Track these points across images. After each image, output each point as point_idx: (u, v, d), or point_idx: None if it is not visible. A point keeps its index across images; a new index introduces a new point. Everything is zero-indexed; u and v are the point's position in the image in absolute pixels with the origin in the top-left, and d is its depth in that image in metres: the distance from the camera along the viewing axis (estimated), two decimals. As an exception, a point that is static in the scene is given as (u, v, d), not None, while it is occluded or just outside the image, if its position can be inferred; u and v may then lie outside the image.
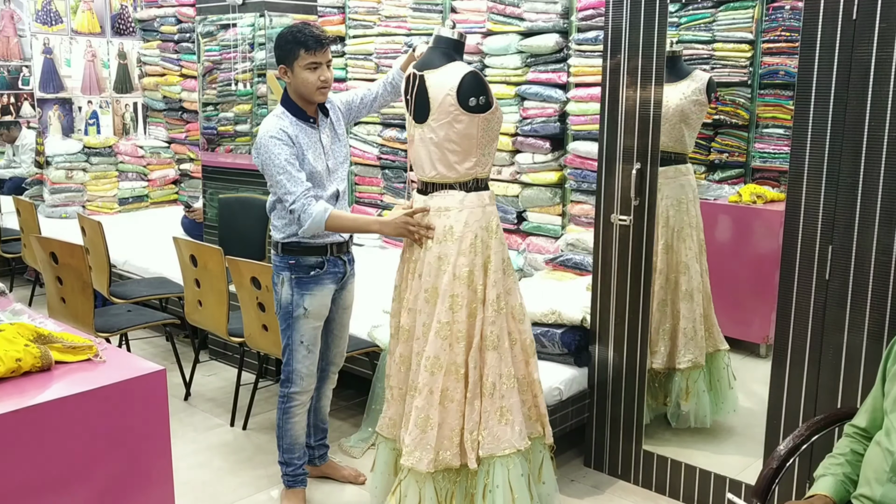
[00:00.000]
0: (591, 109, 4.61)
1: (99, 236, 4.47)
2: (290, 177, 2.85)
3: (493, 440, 2.78)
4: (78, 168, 7.04)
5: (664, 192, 3.57)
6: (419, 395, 2.74)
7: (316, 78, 2.87)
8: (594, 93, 4.57)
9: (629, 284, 3.30)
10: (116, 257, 5.21)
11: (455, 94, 2.68)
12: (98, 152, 7.13)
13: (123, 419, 2.12)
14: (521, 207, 5.08)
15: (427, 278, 2.79)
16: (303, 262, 2.98)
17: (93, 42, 7.37)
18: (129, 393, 2.12)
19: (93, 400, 2.06)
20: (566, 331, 3.53)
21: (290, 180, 2.84)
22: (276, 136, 2.88)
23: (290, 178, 2.85)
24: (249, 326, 3.75)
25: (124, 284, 4.84)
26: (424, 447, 2.75)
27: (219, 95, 5.21)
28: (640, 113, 3.16)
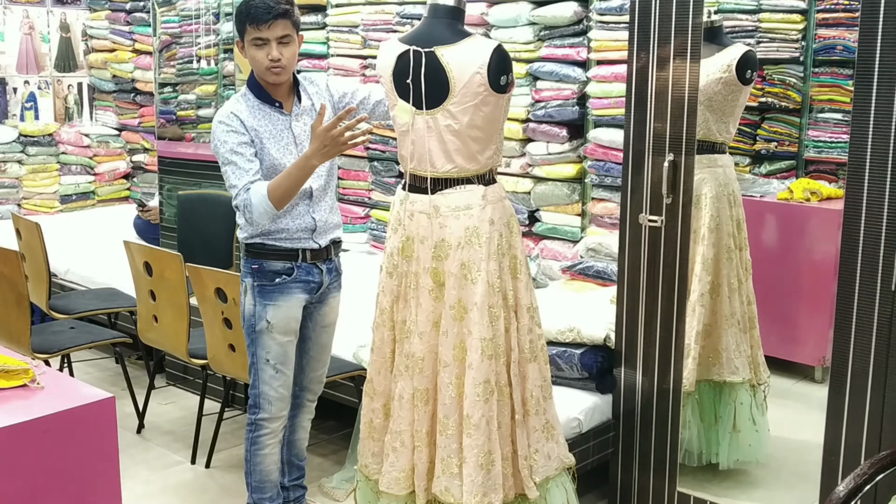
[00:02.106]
0: (616, 91, 4.62)
1: (37, 240, 4.47)
2: (236, 168, 2.88)
3: (545, 460, 2.92)
4: (12, 160, 7.05)
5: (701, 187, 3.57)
6: (476, 431, 2.75)
7: (264, 56, 2.90)
8: (619, 71, 4.58)
9: (661, 296, 3.29)
10: (57, 265, 5.21)
11: (486, 72, 2.69)
12: (36, 141, 7.13)
13: (65, 455, 2.11)
14: (534, 206, 5.08)
15: (451, 292, 2.80)
16: (267, 268, 3.00)
17: (30, 12, 7.38)
18: (71, 424, 2.12)
19: (29, 433, 2.06)
20: (586, 351, 3.53)
21: (235, 172, 2.88)
22: (224, 121, 2.93)
23: (235, 170, 2.88)
24: (214, 346, 3.75)
25: (66, 297, 4.83)
26: (493, 488, 2.79)
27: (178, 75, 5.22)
28: (673, 94, 3.17)
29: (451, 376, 2.81)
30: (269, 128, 2.95)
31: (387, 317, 2.96)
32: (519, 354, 2.87)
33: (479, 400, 2.76)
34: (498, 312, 2.80)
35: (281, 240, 2.99)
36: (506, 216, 2.87)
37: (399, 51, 2.82)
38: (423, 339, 2.84)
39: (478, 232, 2.78)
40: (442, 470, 2.84)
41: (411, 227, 2.86)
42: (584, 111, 4.82)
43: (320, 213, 3.04)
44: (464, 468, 2.79)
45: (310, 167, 2.82)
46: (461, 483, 2.80)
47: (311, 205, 3.02)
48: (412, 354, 2.85)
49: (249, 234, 3.01)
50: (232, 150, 2.89)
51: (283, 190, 2.84)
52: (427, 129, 2.79)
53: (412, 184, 2.88)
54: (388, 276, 2.94)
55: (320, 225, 3.04)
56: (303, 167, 2.82)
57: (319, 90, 3.10)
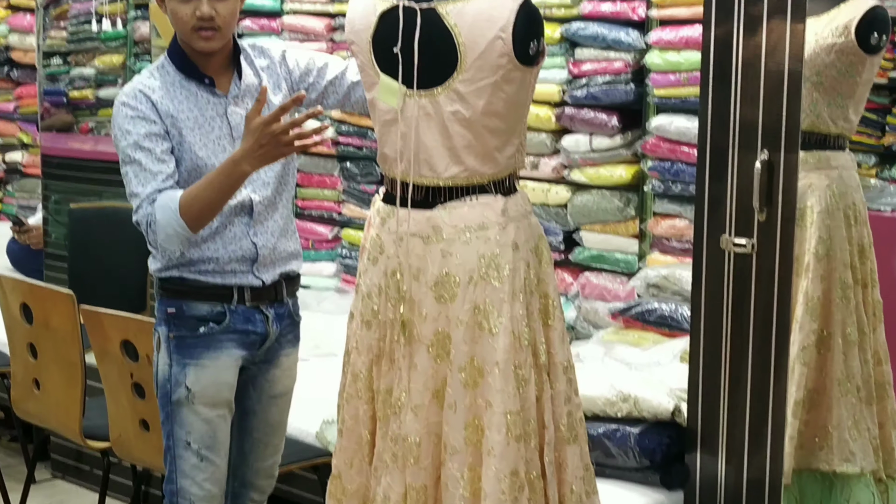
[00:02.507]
0: (686, 62, 4.65)
1: None
2: (140, 170, 2.88)
3: None
4: None
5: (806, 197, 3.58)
6: None
7: (189, 13, 2.91)
8: (691, 35, 4.61)
9: (752, 351, 3.30)
10: None
11: (510, 36, 2.70)
12: None
13: None
14: (572, 224, 5.09)
15: (461, 347, 2.80)
16: (188, 313, 3.01)
17: None
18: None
19: None
20: (647, 430, 3.53)
21: (139, 175, 2.88)
22: (128, 101, 2.93)
23: (138, 173, 2.88)
24: (119, 423, 3.74)
25: (-89, 353, 4.84)
26: None
27: (71, 40, 5.25)
28: (767, 68, 3.19)
29: (461, 468, 2.80)
30: (193, 114, 2.96)
31: (363, 385, 2.95)
32: (555, 433, 2.86)
33: (504, 499, 2.75)
34: (527, 375, 2.79)
35: (208, 273, 2.99)
36: (533, 239, 2.87)
37: (382, 7, 2.83)
38: (419, 415, 2.84)
39: (497, 262, 2.78)
40: None
41: (399, 256, 2.87)
42: (641, 91, 4.85)
43: (265, 237, 3.04)
44: None
45: (238, 174, 2.82)
46: None
47: (252, 225, 3.02)
48: (404, 438, 2.85)
49: (163, 265, 3.00)
50: (136, 145, 2.89)
51: (201, 203, 2.83)
52: (424, 117, 2.80)
53: (401, 194, 2.89)
54: (365, 326, 2.93)
55: (265, 253, 3.04)
56: (229, 173, 2.82)
57: (272, 63, 3.11)
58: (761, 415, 3.31)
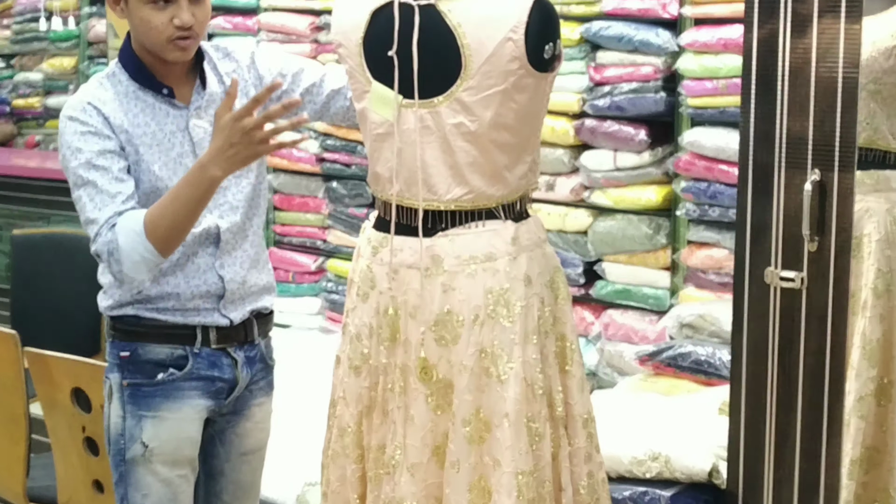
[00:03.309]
0: (725, 68, 4.67)
1: None
2: (96, 192, 2.85)
3: None
4: None
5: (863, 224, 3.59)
6: None
7: (166, 21, 2.88)
8: (730, 36, 4.64)
9: (801, 401, 3.31)
10: None
11: (523, 38, 2.72)
12: None
13: None
14: (594, 254, 5.11)
15: (465, 397, 2.80)
16: (143, 356, 3.00)
17: None
18: None
19: None
20: (681, 492, 3.55)
21: (94, 199, 2.85)
22: (76, 115, 2.90)
23: (94, 196, 2.85)
24: (69, 485, 3.75)
25: None
26: None
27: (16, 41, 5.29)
28: (818, 76, 3.21)
29: None
30: (150, 129, 2.95)
31: (351, 440, 2.96)
32: (573, 497, 2.87)
33: None
34: (541, 429, 2.80)
35: (167, 311, 2.99)
36: (548, 271, 2.89)
37: (375, 3, 2.85)
38: (416, 476, 2.85)
39: (506, 298, 2.79)
40: None
41: (394, 291, 2.88)
42: (673, 100, 4.87)
43: (233, 270, 3.03)
44: None
45: (207, 180, 2.78)
46: None
47: (218, 256, 3.01)
48: (398, 502, 2.86)
49: (116, 301, 3.00)
50: (89, 164, 2.86)
51: (168, 221, 2.80)
52: (423, 130, 2.81)
53: (396, 220, 2.89)
54: (354, 372, 2.94)
55: (233, 288, 3.03)
56: (197, 181, 2.78)
57: (239, 68, 3.09)
58: (812, 476, 3.32)
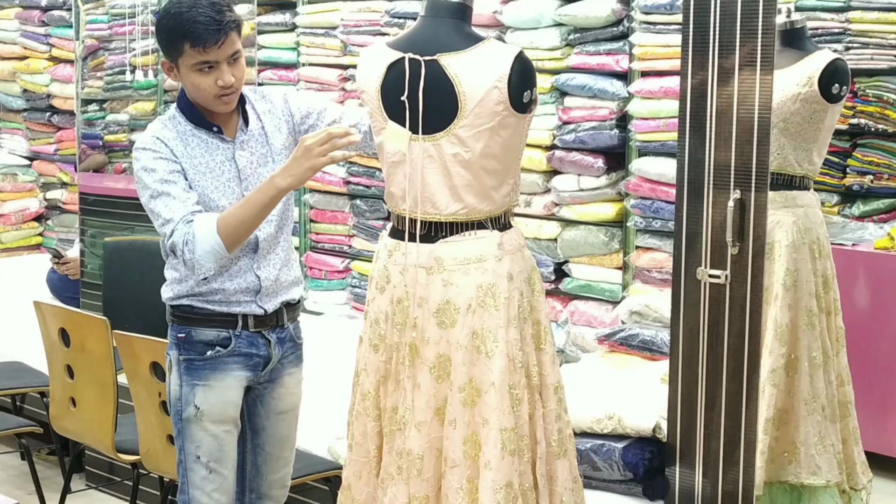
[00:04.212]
0: (665, 110, 4.66)
1: (-78, 300, 4.48)
2: (170, 199, 2.84)
3: None
4: None
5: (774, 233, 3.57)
6: None
7: (212, 83, 2.86)
8: (669, 85, 4.62)
9: (726, 373, 3.29)
10: (-52, 332, 5.21)
11: (506, 86, 2.71)
12: (-77, 174, 7.18)
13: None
14: (562, 257, 5.09)
15: (460, 369, 2.79)
16: (196, 338, 2.98)
17: (-81, 10, 7.47)
18: (-37, 541, 2.11)
19: None
20: (630, 445, 3.52)
21: (169, 204, 2.83)
22: (148, 146, 2.89)
23: (169, 201, 2.84)
24: (148, 439, 3.73)
25: (-41, 373, 4.83)
26: None
27: (107, 89, 5.26)
28: (739, 115, 3.19)
29: (460, 479, 2.79)
30: (205, 159, 2.93)
31: (370, 403, 2.94)
32: (546, 448, 2.85)
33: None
34: (521, 395, 2.79)
35: (215, 302, 2.97)
36: (526, 270, 2.87)
37: (390, 59, 2.84)
38: (421, 431, 2.83)
39: (494, 291, 2.78)
40: None
41: (404, 285, 2.86)
42: (625, 135, 4.85)
43: (268, 270, 3.01)
44: None
45: (273, 189, 2.78)
46: None
47: (256, 259, 2.99)
48: (408, 452, 2.84)
49: (175, 294, 2.98)
50: (162, 180, 2.85)
51: (237, 221, 2.80)
52: (427, 159, 2.80)
53: (406, 229, 2.88)
54: (373, 349, 2.93)
55: (267, 285, 3.01)
56: (266, 191, 2.79)
57: (273, 108, 3.07)
58: (735, 432, 3.30)
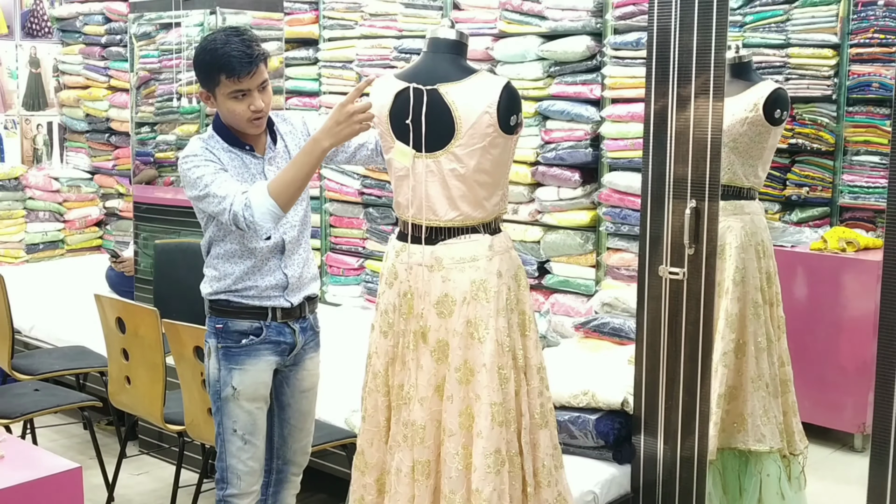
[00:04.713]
0: (632, 132, 4.66)
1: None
2: (224, 181, 2.81)
3: None
4: (-25, 206, 7.09)
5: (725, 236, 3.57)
6: None
7: (245, 108, 2.85)
8: (636, 110, 4.62)
9: (683, 356, 3.29)
10: (22, 321, 5.20)
11: (496, 111, 2.71)
12: (1, 185, 7.17)
13: (26, 533, 2.10)
14: (544, 256, 5.09)
15: (457, 352, 2.79)
16: (232, 328, 2.96)
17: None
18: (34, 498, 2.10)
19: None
20: (602, 417, 3.51)
21: (223, 185, 2.80)
22: (197, 153, 2.87)
23: (222, 183, 2.81)
24: (192, 411, 3.73)
25: (31, 356, 4.81)
26: None
27: (157, 113, 5.26)
28: (695, 136, 3.19)
29: (457, 446, 2.79)
30: (239, 171, 2.91)
31: (381, 381, 2.93)
32: (530, 420, 2.85)
33: (489, 472, 2.73)
34: (508, 374, 2.79)
35: (249, 297, 2.95)
36: (513, 268, 2.87)
37: (397, 88, 2.84)
38: (424, 405, 2.82)
39: (485, 286, 2.78)
40: None
41: (409, 281, 2.86)
42: (598, 153, 4.85)
43: (293, 269, 3.00)
44: None
45: (318, 150, 2.72)
46: None
47: (283, 260, 2.97)
48: (412, 423, 2.83)
49: (214, 290, 2.97)
50: (213, 173, 2.83)
51: (287, 181, 2.75)
52: (428, 173, 2.80)
53: (411, 233, 2.88)
54: (383, 335, 2.92)
55: (293, 281, 2.99)
56: (311, 151, 2.73)
57: (294, 129, 3.06)
58: (691, 405, 3.30)
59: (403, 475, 2.85)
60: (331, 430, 3.72)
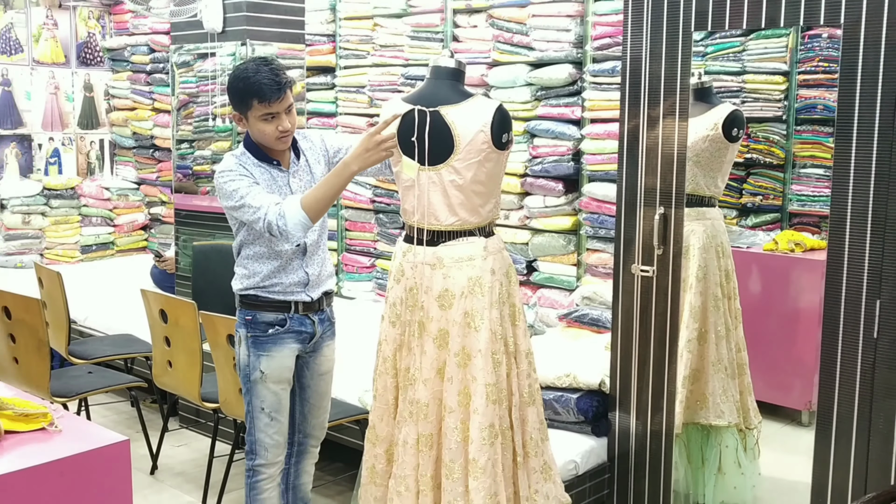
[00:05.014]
0: (609, 147, 4.65)
1: (58, 288, 4.47)
2: (257, 193, 2.81)
3: (544, 500, 2.90)
4: (36, 212, 7.08)
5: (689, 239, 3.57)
6: (483, 475, 2.73)
7: (274, 129, 2.84)
8: (612, 129, 4.62)
9: (653, 343, 3.28)
10: (77, 312, 5.20)
11: (489, 130, 2.71)
12: (59, 194, 7.17)
13: (81, 497, 2.09)
14: (532, 256, 5.08)
15: (456, 339, 2.79)
16: (260, 319, 2.95)
17: (56, 73, 7.46)
18: (88, 467, 2.10)
19: (47, 475, 2.04)
20: (582, 396, 3.51)
21: (257, 197, 2.80)
22: (232, 168, 2.86)
23: (256, 196, 2.80)
24: (225, 391, 3.73)
25: (85, 343, 4.82)
26: None
27: (195, 132, 5.26)
28: (663, 151, 3.19)
29: (456, 421, 2.79)
30: (268, 184, 2.90)
31: (389, 365, 2.93)
32: (519, 399, 2.85)
33: (484, 444, 2.73)
34: (500, 358, 2.79)
35: (275, 292, 2.95)
36: (505, 266, 2.87)
37: (404, 110, 2.83)
38: (427, 385, 2.82)
39: (480, 282, 2.78)
40: None
41: (415, 277, 2.86)
42: (578, 167, 4.85)
43: (313, 268, 2.99)
44: None
45: (348, 173, 2.73)
46: None
47: (305, 260, 2.97)
48: (417, 401, 2.83)
49: (244, 286, 2.96)
50: (248, 186, 2.82)
51: (318, 198, 2.74)
52: (431, 184, 2.80)
53: (416, 236, 2.87)
54: (391, 325, 2.92)
55: (313, 279, 2.99)
56: (340, 173, 2.74)
57: (313, 146, 3.05)
58: (660, 386, 3.30)
59: (409, 446, 2.85)
60: (346, 407, 3.72)
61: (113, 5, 7.55)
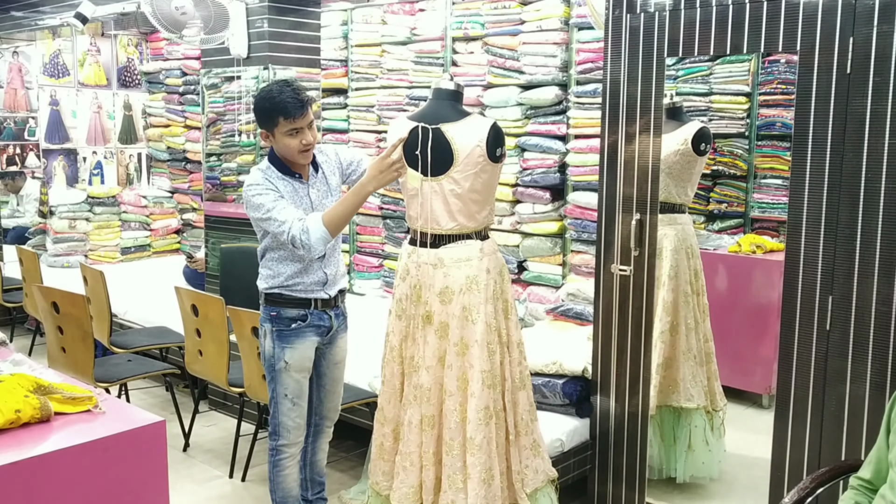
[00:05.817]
0: (591, 160, 4.65)
1: (101, 286, 4.48)
2: (283, 208, 2.80)
3: (533, 474, 2.90)
4: (81, 218, 7.08)
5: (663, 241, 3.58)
6: (479, 451, 2.74)
7: (298, 143, 2.83)
8: (593, 144, 4.62)
9: (630, 334, 3.29)
10: (118, 307, 5.21)
11: (485, 145, 2.71)
12: (101, 202, 7.17)
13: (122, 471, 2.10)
14: (522, 257, 5.09)
15: (455, 331, 2.79)
16: (284, 315, 2.94)
17: (99, 94, 7.47)
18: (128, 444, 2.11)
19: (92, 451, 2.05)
20: (567, 381, 3.51)
21: (283, 212, 2.79)
22: (259, 182, 2.85)
23: (282, 211, 2.79)
24: (250, 377, 3.73)
25: (125, 334, 4.82)
26: (494, 500, 2.77)
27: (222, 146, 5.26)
28: (639, 164, 3.19)
29: (455, 404, 2.79)
30: (291, 194, 2.89)
31: (396, 354, 2.94)
32: (511, 384, 2.85)
33: (480, 424, 2.73)
34: (494, 348, 2.79)
35: (297, 291, 2.94)
36: (499, 266, 2.87)
37: (409, 127, 2.84)
38: (429, 372, 2.83)
39: (477, 280, 2.78)
40: (448, 485, 2.81)
41: (418, 276, 2.86)
42: (564, 177, 4.85)
43: (331, 268, 2.98)
44: (468, 483, 2.76)
45: (364, 192, 2.74)
46: (466, 496, 2.77)
47: (324, 261, 2.96)
48: (420, 386, 2.84)
49: (269, 285, 2.95)
50: (274, 200, 2.81)
51: (337, 215, 2.74)
52: (433, 192, 2.80)
53: (420, 239, 2.88)
54: (398, 318, 2.93)
55: (331, 278, 2.98)
56: (358, 193, 2.74)
57: (329, 159, 3.04)
58: (636, 372, 3.30)
59: (414, 426, 2.86)
60: (357, 391, 3.73)
61: (149, 34, 7.55)
